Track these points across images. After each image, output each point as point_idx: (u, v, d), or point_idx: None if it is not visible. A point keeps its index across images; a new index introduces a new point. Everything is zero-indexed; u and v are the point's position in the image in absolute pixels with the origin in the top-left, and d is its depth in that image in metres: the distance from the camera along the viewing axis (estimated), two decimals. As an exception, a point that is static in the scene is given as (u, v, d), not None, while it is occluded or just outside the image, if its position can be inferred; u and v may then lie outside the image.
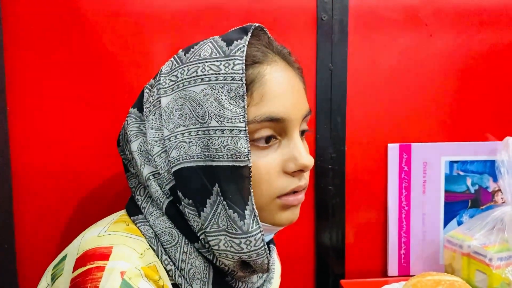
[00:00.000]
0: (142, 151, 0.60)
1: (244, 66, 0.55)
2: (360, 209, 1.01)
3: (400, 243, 1.00)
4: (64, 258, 0.56)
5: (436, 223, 1.00)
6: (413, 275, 0.93)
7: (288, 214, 0.60)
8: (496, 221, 0.90)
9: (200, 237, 0.58)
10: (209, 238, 0.56)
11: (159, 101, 0.59)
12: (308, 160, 0.58)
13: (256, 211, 0.55)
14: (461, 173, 1.00)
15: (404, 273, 1.01)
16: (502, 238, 0.86)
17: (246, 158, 0.54)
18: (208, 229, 0.56)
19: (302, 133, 0.62)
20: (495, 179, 0.99)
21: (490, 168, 0.99)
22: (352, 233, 1.01)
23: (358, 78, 0.97)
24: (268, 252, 0.57)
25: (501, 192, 0.96)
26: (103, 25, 0.87)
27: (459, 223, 1.00)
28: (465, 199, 1.01)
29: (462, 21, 0.99)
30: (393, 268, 1.01)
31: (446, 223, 1.01)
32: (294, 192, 0.59)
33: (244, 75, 0.55)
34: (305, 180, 0.60)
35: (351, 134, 0.98)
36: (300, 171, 0.59)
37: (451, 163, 0.99)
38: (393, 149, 0.99)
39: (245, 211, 0.55)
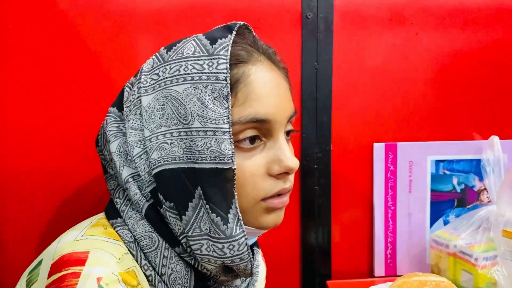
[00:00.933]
0: (121, 152, 0.58)
1: (228, 66, 0.54)
2: (346, 209, 1.00)
3: (386, 243, 1.00)
4: (39, 263, 0.54)
5: (422, 222, 1.00)
6: (400, 275, 0.92)
7: (272, 217, 0.59)
8: (482, 221, 0.89)
9: (182, 241, 0.56)
10: (191, 243, 0.55)
11: (140, 100, 0.57)
12: (293, 163, 0.57)
13: (240, 214, 0.54)
14: (447, 172, 0.99)
15: (391, 273, 1.00)
16: (488, 238, 0.86)
17: (230, 160, 0.53)
18: (190, 233, 0.54)
19: (288, 133, 0.61)
20: (481, 178, 0.98)
21: (476, 167, 0.99)
22: (338, 233, 1.00)
23: (343, 77, 0.96)
24: (251, 256, 0.56)
25: (487, 191, 0.96)
26: (83, 22, 0.85)
27: (445, 222, 1.00)
28: (451, 198, 1.00)
29: (447, 19, 0.98)
30: (379, 268, 1.00)
31: (432, 222, 1.00)
32: (279, 194, 0.58)
33: (228, 74, 0.53)
34: (290, 182, 0.59)
35: (336, 134, 0.97)
36: (285, 173, 0.58)
37: (437, 162, 0.99)
38: (379, 148, 0.98)
39: (229, 214, 0.53)
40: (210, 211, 0.53)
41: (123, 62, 0.87)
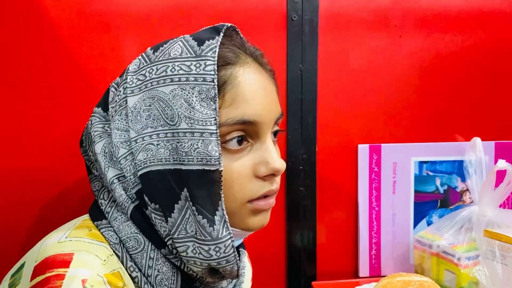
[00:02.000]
0: (106, 153, 0.58)
1: (216, 67, 0.54)
2: (331, 210, 1.00)
3: (371, 244, 1.01)
4: (22, 266, 0.53)
5: (406, 223, 1.01)
6: (384, 276, 0.93)
7: (259, 219, 0.59)
8: (464, 221, 0.91)
9: (168, 243, 0.56)
10: (177, 244, 0.54)
11: (126, 100, 0.57)
12: (280, 164, 0.57)
13: (226, 216, 0.54)
14: (430, 173, 1.01)
15: (375, 273, 1.01)
16: (470, 238, 0.87)
17: (217, 162, 0.53)
18: (175, 235, 0.54)
19: (275, 134, 0.61)
20: (463, 179, 1.00)
21: (458, 168, 1.01)
22: (324, 234, 1.01)
23: (328, 79, 0.97)
24: (238, 258, 0.56)
25: (469, 192, 0.97)
26: (67, 22, 0.84)
27: (429, 223, 1.01)
28: (434, 199, 1.01)
29: (430, 22, 1.00)
30: (364, 269, 1.01)
31: (416, 223, 1.01)
32: (265, 196, 0.58)
33: (216, 76, 0.53)
34: (276, 184, 0.59)
35: (322, 135, 0.98)
36: (272, 175, 0.58)
37: (421, 163, 1.00)
38: (363, 150, 0.99)
39: (215, 216, 0.53)
40: (196, 213, 0.53)
41: (108, 62, 0.86)
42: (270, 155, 0.57)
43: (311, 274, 1.00)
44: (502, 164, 0.87)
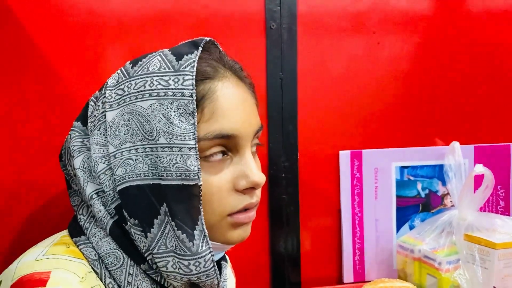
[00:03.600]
0: (85, 168, 0.57)
1: (194, 82, 0.54)
2: (315, 217, 1.01)
3: (354, 250, 1.01)
4: None
5: (388, 228, 1.02)
6: (368, 281, 0.94)
7: (239, 232, 0.59)
8: (445, 225, 0.92)
9: (147, 258, 0.56)
10: (157, 260, 0.54)
11: (104, 115, 0.57)
12: (260, 177, 0.57)
13: (206, 231, 0.54)
14: (412, 178, 1.02)
15: (359, 279, 1.02)
16: (451, 242, 0.88)
17: (196, 177, 0.53)
18: (155, 251, 0.54)
19: (254, 146, 0.61)
20: (444, 183, 1.01)
21: (439, 172, 1.02)
22: (307, 241, 1.01)
23: (308, 86, 0.97)
24: (218, 272, 0.56)
25: (450, 196, 0.98)
26: (45, 35, 0.84)
27: (411, 227, 1.02)
28: (416, 204, 1.02)
29: (408, 28, 1.01)
30: (348, 274, 1.01)
31: (398, 228, 1.02)
32: (246, 209, 0.58)
33: (194, 91, 0.54)
34: (256, 197, 0.59)
35: (303, 142, 0.98)
36: (252, 188, 0.58)
37: (402, 168, 1.01)
38: (344, 156, 0.99)
39: (195, 231, 0.53)
40: (175, 228, 0.53)
41: (88, 74, 0.86)
42: (250, 168, 0.57)
43: (295, 281, 1.01)
44: (479, 168, 0.88)
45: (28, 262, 0.53)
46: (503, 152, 1.04)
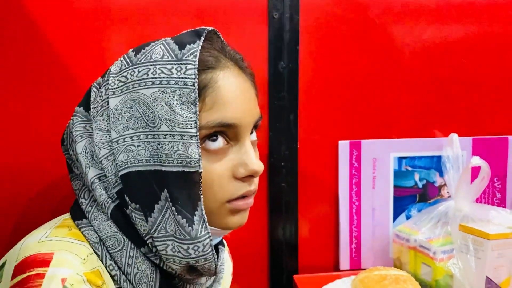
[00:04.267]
0: (87, 153, 0.59)
1: (196, 71, 0.55)
2: (313, 205, 1.02)
3: (351, 238, 1.03)
4: (3, 265, 0.54)
5: (385, 217, 1.03)
6: (364, 269, 0.95)
7: (237, 218, 0.60)
8: (441, 215, 0.93)
9: (147, 242, 0.57)
10: (157, 243, 0.56)
11: (107, 102, 0.58)
12: (258, 166, 0.59)
13: (205, 216, 0.55)
14: (409, 168, 1.03)
15: (356, 266, 1.04)
16: (446, 232, 0.90)
17: (197, 164, 0.54)
18: (155, 234, 0.55)
19: (254, 128, 0.62)
20: (442, 174, 1.02)
21: (436, 163, 1.03)
22: (305, 229, 1.03)
23: (310, 76, 0.98)
24: (216, 257, 0.58)
25: (447, 186, 0.99)
26: (49, 20, 0.84)
27: (408, 217, 1.03)
28: (413, 194, 1.04)
29: (409, 19, 1.01)
30: (344, 262, 1.03)
31: (395, 217, 1.04)
32: (244, 196, 0.60)
33: (196, 80, 0.54)
34: (254, 185, 0.61)
35: (303, 132, 0.99)
36: (250, 176, 0.59)
37: (400, 159, 1.02)
38: (343, 146, 1.00)
39: (194, 216, 0.55)
40: (176, 213, 0.54)
41: (91, 60, 0.87)
42: (249, 157, 0.58)
43: (293, 267, 1.02)
44: (476, 160, 0.89)
45: (31, 244, 0.54)
46: (500, 145, 1.05)
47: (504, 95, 1.06)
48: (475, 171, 0.92)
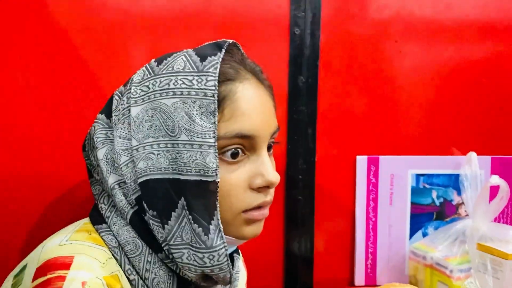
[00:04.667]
0: (108, 159, 0.60)
1: (216, 83, 0.56)
2: (329, 220, 1.02)
3: (367, 253, 1.02)
4: (24, 267, 0.56)
5: (402, 234, 1.03)
6: (379, 285, 0.95)
7: (252, 229, 0.61)
8: (458, 234, 0.92)
9: (164, 248, 0.58)
10: (173, 250, 0.57)
11: (129, 110, 0.60)
12: (274, 177, 0.60)
13: (221, 226, 0.56)
14: (427, 186, 1.02)
15: (371, 283, 1.03)
16: (463, 250, 0.89)
17: (214, 174, 0.55)
18: (171, 242, 0.57)
19: (270, 148, 0.63)
20: (459, 193, 1.01)
21: (454, 181, 1.02)
22: (321, 243, 1.02)
23: (329, 91, 0.99)
24: (231, 266, 0.58)
25: (465, 205, 0.98)
26: (74, 27, 0.87)
27: (424, 234, 1.02)
28: (430, 211, 1.03)
29: (430, 37, 1.01)
30: (359, 277, 1.03)
31: (412, 234, 1.03)
32: (259, 207, 0.60)
33: (216, 91, 0.56)
34: (270, 196, 0.62)
35: (321, 146, 1.00)
36: (266, 187, 0.60)
37: (418, 176, 1.02)
38: (361, 161, 1.01)
39: (210, 226, 0.56)
40: (192, 222, 0.55)
41: (112, 68, 0.89)
42: (266, 168, 0.59)
43: (307, 281, 1.02)
44: (495, 179, 0.88)
45: (52, 247, 0.56)
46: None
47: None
48: (494, 190, 0.92)
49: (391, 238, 1.03)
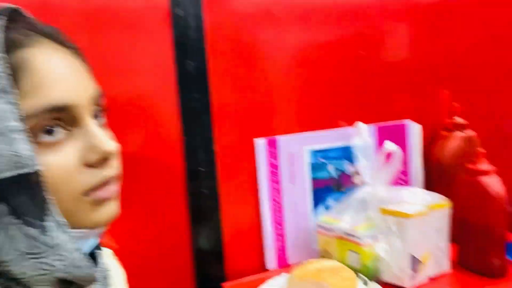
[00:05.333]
0: None
1: (2, 55, 0.45)
2: (235, 209, 1.00)
3: (277, 236, 1.02)
4: None
5: (307, 210, 1.04)
6: (292, 265, 0.95)
7: (103, 211, 0.52)
8: (360, 202, 0.96)
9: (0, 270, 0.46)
10: (11, 268, 0.46)
11: None
12: (109, 146, 0.51)
13: (61, 219, 0.47)
14: (323, 160, 1.05)
15: (283, 264, 1.03)
16: (367, 217, 0.93)
17: (31, 162, 0.45)
18: (5, 258, 0.45)
19: (98, 117, 0.54)
20: (353, 163, 1.05)
21: (347, 153, 1.06)
22: (230, 234, 1.00)
23: (220, 75, 0.96)
24: (91, 262, 0.50)
25: (360, 174, 1.03)
26: None
27: (327, 207, 1.05)
28: (329, 185, 1.06)
29: (310, 16, 1.03)
30: (271, 261, 1.02)
31: (316, 209, 1.05)
32: (104, 184, 0.51)
33: (5, 64, 0.45)
34: (114, 169, 0.52)
35: (219, 134, 0.96)
36: (105, 159, 0.51)
37: (314, 152, 1.04)
38: (260, 144, 0.99)
39: (47, 222, 0.46)
40: (23, 225, 0.45)
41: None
42: (97, 138, 0.50)
43: (220, 275, 0.99)
44: (389, 145, 0.93)
45: None
46: (399, 130, 1.12)
47: (398, 82, 1.14)
48: (386, 157, 0.97)
49: (298, 216, 1.04)
